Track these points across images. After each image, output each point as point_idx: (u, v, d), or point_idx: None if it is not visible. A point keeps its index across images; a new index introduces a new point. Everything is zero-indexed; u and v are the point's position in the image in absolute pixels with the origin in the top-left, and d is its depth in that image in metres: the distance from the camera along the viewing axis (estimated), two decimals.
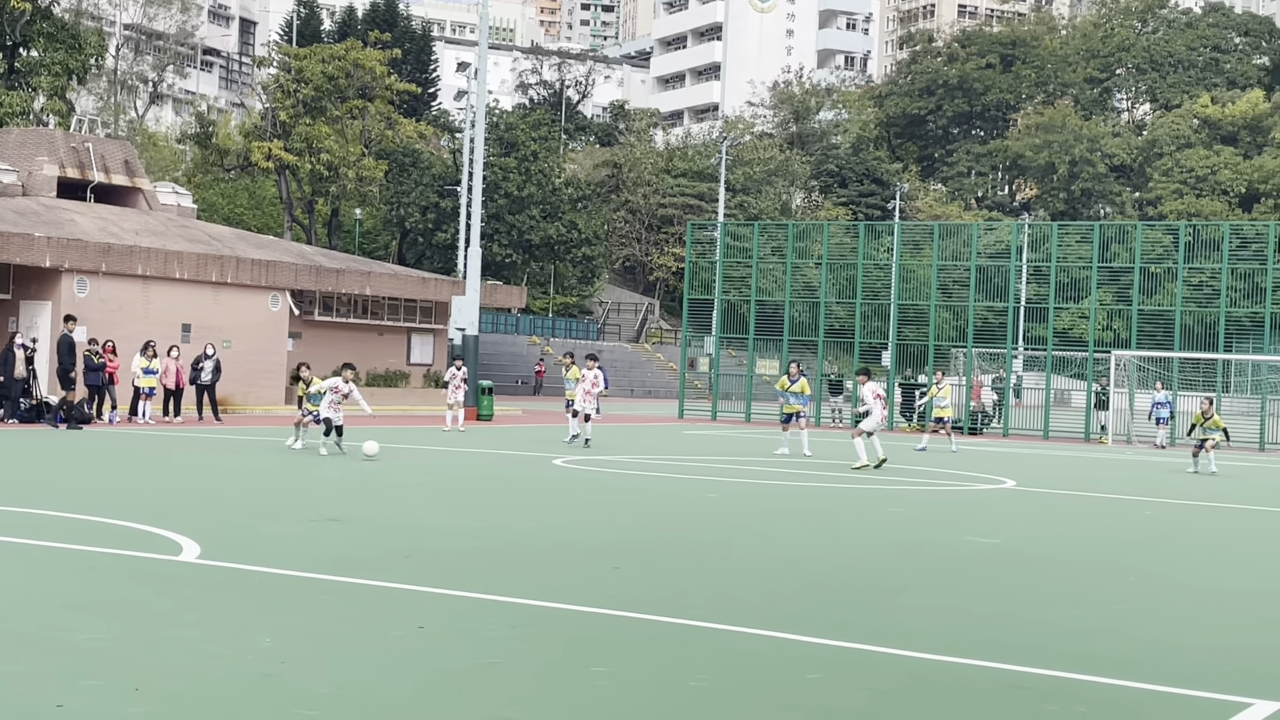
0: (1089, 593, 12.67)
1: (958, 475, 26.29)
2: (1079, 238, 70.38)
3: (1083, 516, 19.79)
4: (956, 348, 51.05)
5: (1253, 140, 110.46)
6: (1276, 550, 16.98)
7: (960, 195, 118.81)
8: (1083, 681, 8.86)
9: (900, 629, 10.37)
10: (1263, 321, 45.35)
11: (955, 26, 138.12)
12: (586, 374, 30.37)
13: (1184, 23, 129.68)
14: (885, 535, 16.47)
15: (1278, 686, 8.88)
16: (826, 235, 51.46)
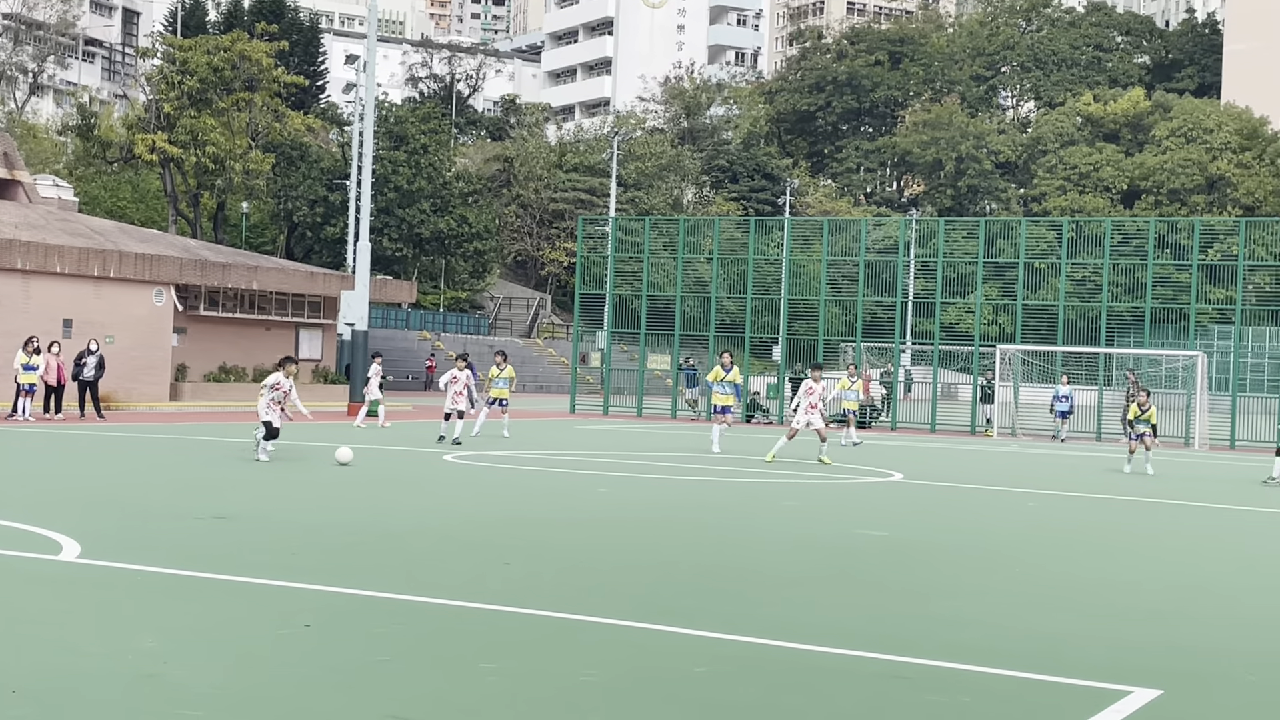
0: (974, 584, 12.84)
1: (848, 469, 26.53)
2: (965, 233, 71.35)
3: (968, 509, 20.06)
4: (846, 342, 51.52)
5: (1134, 138, 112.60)
6: (1154, 541, 17.32)
7: (849, 191, 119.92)
8: (967, 671, 8.98)
9: (789, 621, 10.43)
10: (1143, 316, 46.24)
11: (844, 23, 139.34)
12: (459, 374, 29.99)
13: (1067, 21, 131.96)
14: (777, 529, 16.57)
15: (1154, 674, 9.05)
16: (717, 230, 51.66)
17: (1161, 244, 64.11)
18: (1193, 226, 51.18)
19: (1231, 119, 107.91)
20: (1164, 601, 12.26)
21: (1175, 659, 9.65)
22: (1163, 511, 20.84)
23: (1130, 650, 9.91)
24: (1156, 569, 14.47)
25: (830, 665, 9.07)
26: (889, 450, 33.55)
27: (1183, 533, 18.23)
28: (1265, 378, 67.05)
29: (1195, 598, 12.56)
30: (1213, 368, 51.84)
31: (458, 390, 29.57)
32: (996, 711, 8.05)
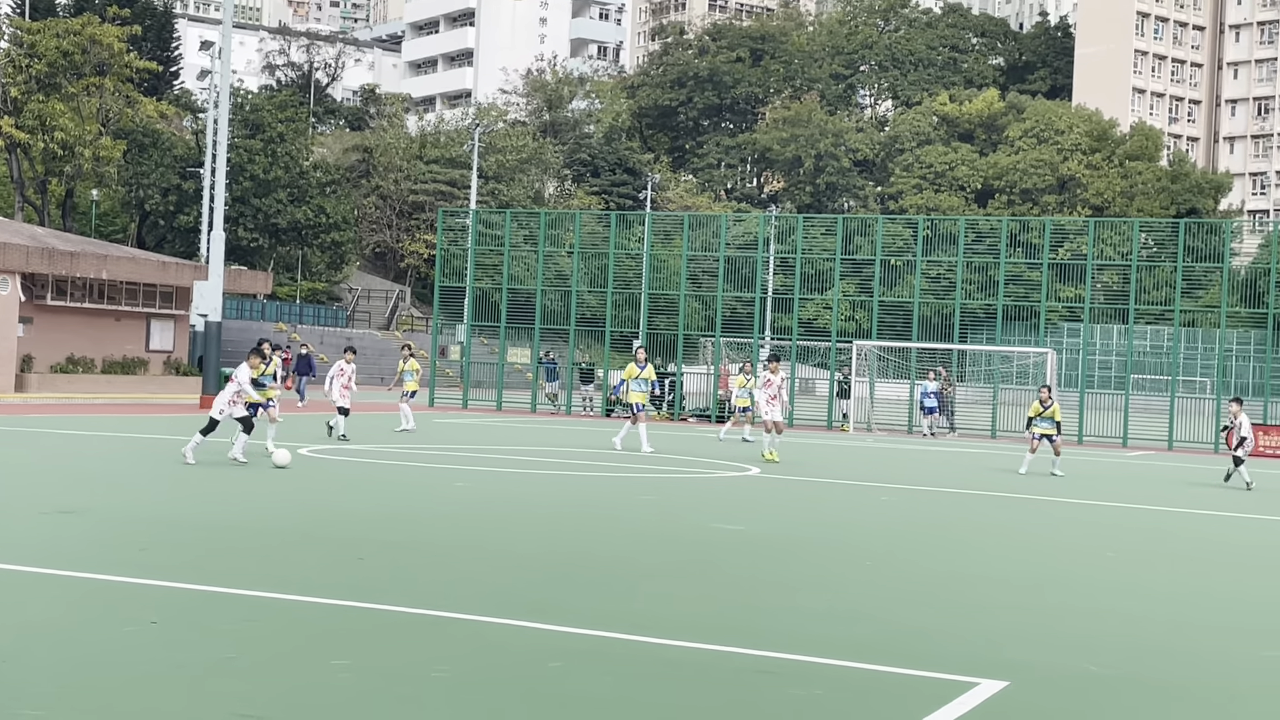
0: (830, 577, 12.96)
1: (705, 463, 26.65)
2: (824, 230, 72.14)
3: (825, 503, 20.26)
4: (705, 337, 51.80)
5: (988, 138, 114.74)
6: (1006, 535, 17.64)
7: (710, 186, 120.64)
8: (823, 665, 9.05)
9: (645, 616, 10.43)
10: (995, 313, 47.11)
11: (706, 19, 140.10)
12: (346, 367, 29.45)
13: (924, 22, 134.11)
14: (634, 523, 16.58)
15: (1002, 667, 9.20)
16: (579, 224, 51.64)
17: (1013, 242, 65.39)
18: (1044, 226, 52.27)
19: (1082, 121, 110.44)
20: (1013, 594, 12.48)
21: (1022, 651, 9.82)
22: (1015, 506, 21.24)
23: (980, 643, 10.07)
24: (1007, 563, 14.73)
25: (686, 659, 9.08)
26: (745, 445, 33.77)
27: (1032, 527, 18.59)
28: (1112, 374, 68.74)
29: (1043, 591, 12.80)
30: (1062, 364, 53.03)
31: (344, 384, 28.61)
32: (849, 704, 8.13)
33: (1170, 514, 20.94)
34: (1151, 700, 8.65)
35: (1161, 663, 9.72)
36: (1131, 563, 15.17)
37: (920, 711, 7.91)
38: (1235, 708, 8.56)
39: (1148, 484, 26.86)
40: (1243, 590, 13.45)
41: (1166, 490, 25.52)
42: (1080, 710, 8.30)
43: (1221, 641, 10.60)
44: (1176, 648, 10.28)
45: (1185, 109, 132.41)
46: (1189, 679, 9.26)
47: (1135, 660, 9.74)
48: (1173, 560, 15.55)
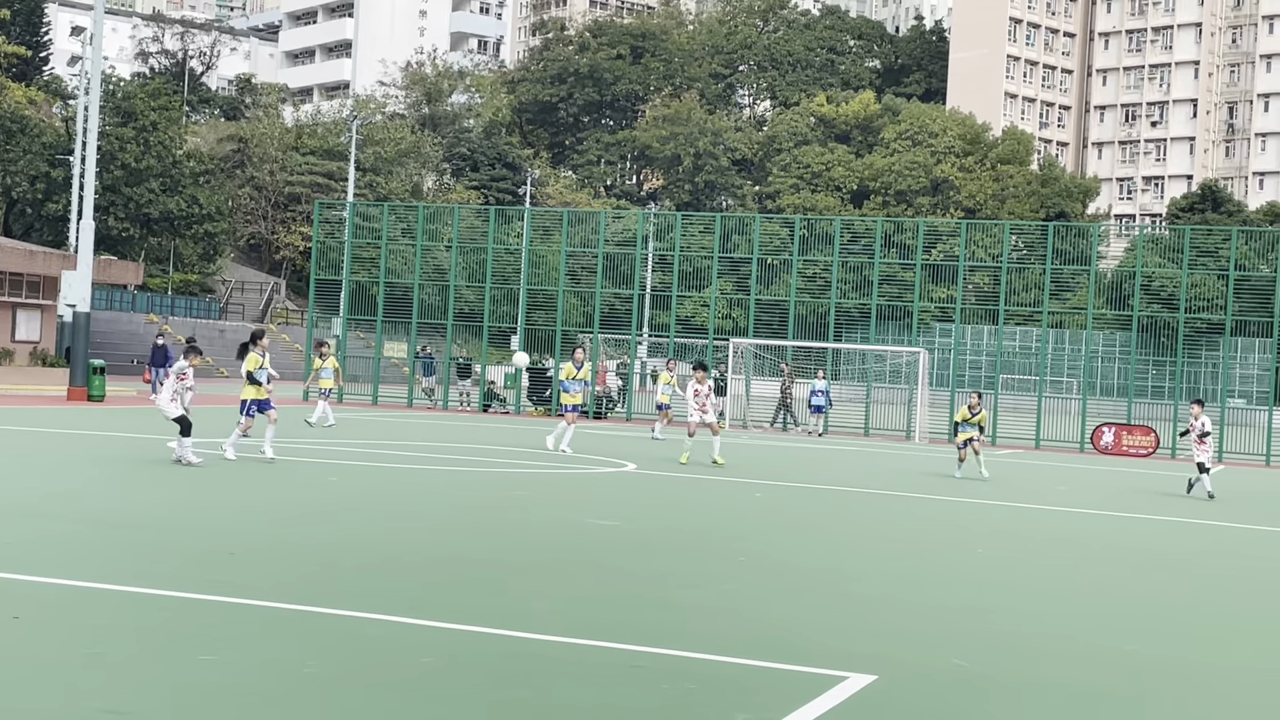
0: (703, 573, 13.05)
1: (581, 459, 26.69)
2: (702, 228, 72.47)
3: (699, 499, 20.38)
4: (584, 333, 51.81)
5: (864, 139, 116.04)
6: (874, 531, 17.88)
7: (590, 183, 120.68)
8: (695, 659, 9.12)
9: (518, 611, 10.44)
10: (869, 313, 47.69)
11: (587, 16, 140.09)
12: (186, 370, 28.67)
13: (803, 24, 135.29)
14: (508, 518, 16.56)
15: (871, 660, 9.35)
16: (457, 218, 51.37)
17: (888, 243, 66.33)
18: (917, 227, 52.99)
19: (955, 124, 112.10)
20: (883, 590, 12.66)
21: (891, 645, 9.97)
22: (887, 503, 21.54)
23: (849, 637, 10.22)
24: (877, 558, 14.94)
25: (562, 655, 9.11)
26: (623, 440, 33.87)
27: (904, 524, 18.86)
28: (982, 374, 69.88)
29: (913, 586, 13.01)
30: (934, 364, 53.81)
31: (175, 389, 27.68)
32: (720, 698, 8.20)
33: (1039, 512, 21.36)
34: (1015, 695, 8.83)
35: (1026, 658, 9.93)
36: (1000, 560, 15.47)
37: (790, 705, 8.01)
38: (1097, 703, 8.77)
39: (1016, 482, 27.36)
40: (1107, 586, 13.77)
41: (1035, 488, 26.02)
42: (946, 704, 8.46)
43: (1087, 637, 10.85)
44: (1042, 643, 10.50)
45: (1056, 114, 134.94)
46: (1054, 674, 9.47)
47: (1001, 655, 9.94)
48: (1041, 558, 15.87)
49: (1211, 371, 76.24)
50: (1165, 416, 45.73)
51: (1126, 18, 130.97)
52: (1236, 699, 9.08)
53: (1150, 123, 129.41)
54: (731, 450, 32.46)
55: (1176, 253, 69.00)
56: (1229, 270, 44.39)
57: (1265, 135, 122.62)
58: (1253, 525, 21.32)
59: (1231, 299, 43.96)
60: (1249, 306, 54.09)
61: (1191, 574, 15.16)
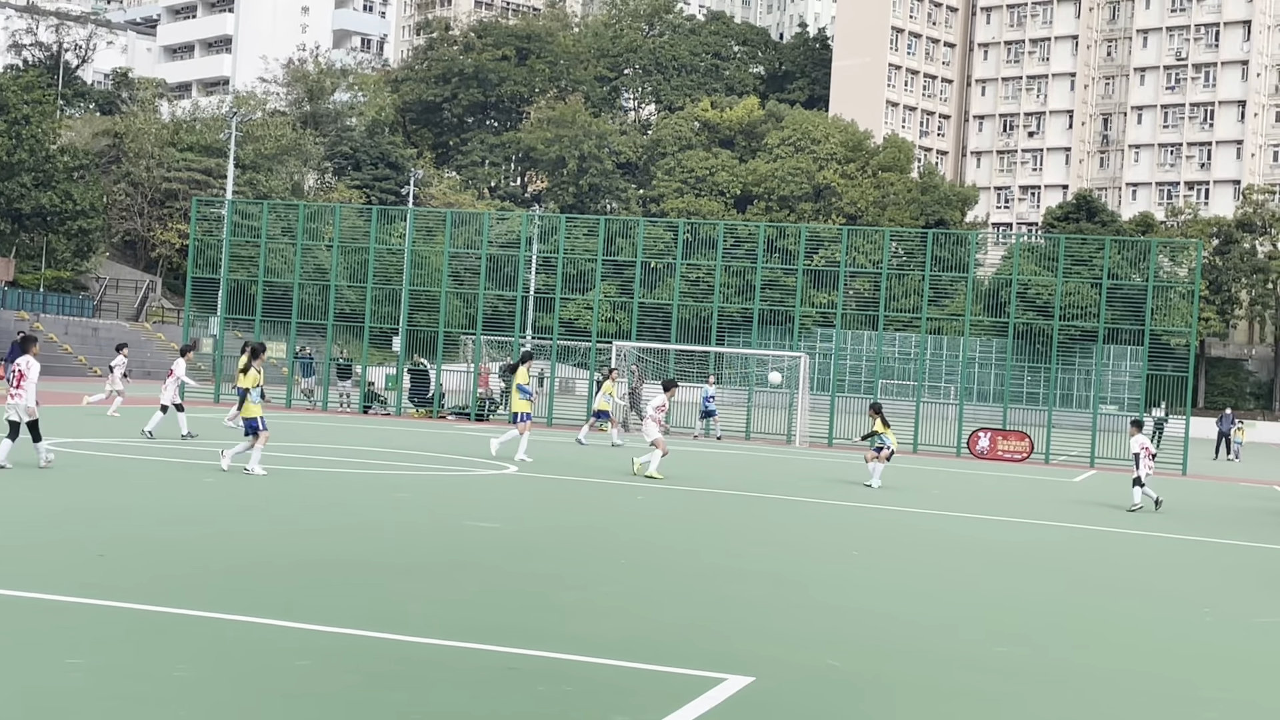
0: (583, 575, 13.03)
1: (462, 461, 26.54)
2: (586, 230, 72.49)
3: (580, 501, 20.36)
4: (466, 335, 51.55)
5: (748, 145, 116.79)
6: (754, 533, 17.97)
7: (474, 184, 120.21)
8: (574, 661, 9.09)
9: (396, 614, 10.34)
10: (752, 317, 47.97)
11: (472, 16, 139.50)
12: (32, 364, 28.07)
13: (688, 29, 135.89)
14: (387, 521, 16.41)
15: (748, 662, 9.38)
16: (338, 218, 50.88)
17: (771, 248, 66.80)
18: (800, 232, 53.44)
19: (838, 131, 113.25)
20: (763, 591, 12.73)
21: (768, 647, 10.02)
22: (766, 505, 21.66)
23: (727, 639, 10.25)
24: (756, 560, 15.01)
25: (439, 657, 9.04)
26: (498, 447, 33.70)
27: (783, 526, 18.98)
28: (862, 379, 70.69)
29: (790, 588, 13.10)
30: (814, 368, 54.25)
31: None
32: (597, 700, 8.19)
33: (915, 514, 21.61)
34: (888, 695, 8.92)
35: (900, 659, 10.03)
36: (876, 561, 15.63)
37: (668, 706, 8.01)
38: (966, 702, 8.88)
39: (894, 486, 27.65)
40: (980, 588, 13.97)
41: (912, 492, 26.32)
42: (821, 704, 8.52)
43: (959, 638, 10.99)
44: (916, 644, 10.62)
45: (936, 123, 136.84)
46: (926, 675, 9.57)
47: (876, 656, 10.03)
48: (916, 560, 16.05)
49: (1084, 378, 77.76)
50: (1040, 422, 46.56)
51: (1005, 29, 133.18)
52: (1100, 699, 9.25)
53: (1027, 133, 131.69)
54: (615, 453, 32.49)
55: (1052, 261, 70.33)
56: (1102, 279, 45.28)
57: (1138, 147, 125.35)
58: (1125, 529, 21.75)
59: (1104, 307, 44.84)
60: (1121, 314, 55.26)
61: (1063, 575, 15.42)
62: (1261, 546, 20.33)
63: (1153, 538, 20.54)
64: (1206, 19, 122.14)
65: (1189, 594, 14.64)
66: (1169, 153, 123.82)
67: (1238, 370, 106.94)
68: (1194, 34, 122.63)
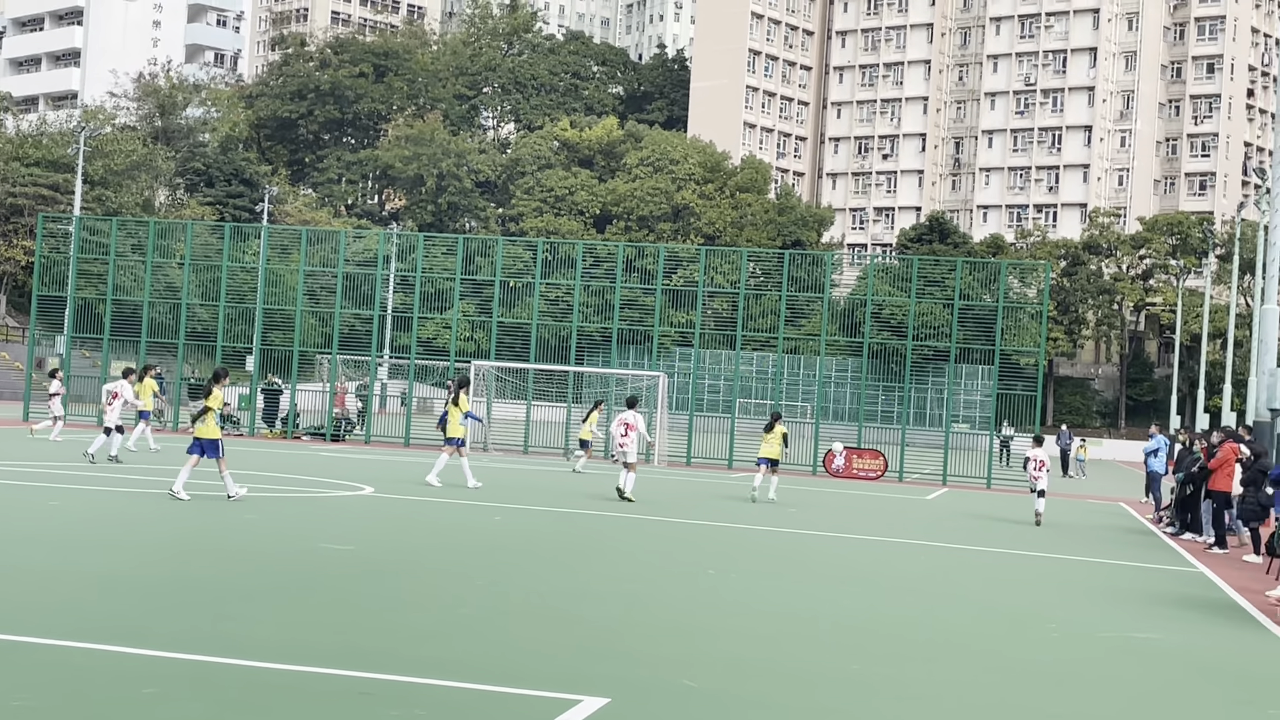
0: (439, 597, 12.91)
1: (317, 482, 26.19)
2: (445, 249, 72.03)
3: (437, 523, 20.19)
4: (322, 354, 50.95)
5: (607, 165, 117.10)
6: (609, 554, 17.96)
7: (330, 202, 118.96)
8: (426, 685, 9.00)
9: (245, 639, 10.14)
10: (611, 336, 48.04)
11: (328, 32, 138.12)
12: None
13: (547, 48, 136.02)
14: (238, 544, 16.11)
15: (604, 683, 9.36)
16: (190, 235, 50.01)
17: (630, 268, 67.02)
18: (658, 252, 53.66)
19: (696, 151, 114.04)
20: (619, 612, 12.71)
21: (623, 667, 10.01)
22: (623, 526, 21.66)
23: (582, 660, 10.22)
24: (612, 580, 15.00)
25: (288, 683, 8.88)
26: (362, 464, 33.39)
27: (639, 546, 19.00)
28: (720, 398, 71.12)
29: (645, 608, 13.10)
30: (673, 388, 54.53)
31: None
32: None
33: (771, 534, 21.77)
34: (742, 715, 8.94)
35: (755, 678, 10.07)
36: (731, 580, 15.69)
37: None
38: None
39: (750, 505, 27.85)
40: (836, 606, 14.10)
41: (768, 511, 26.52)
42: None
43: (814, 655, 11.08)
44: (772, 663, 10.67)
45: (793, 145, 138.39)
46: (779, 694, 9.62)
47: (731, 675, 10.06)
48: (771, 578, 16.15)
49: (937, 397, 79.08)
50: (894, 440, 47.20)
51: (860, 53, 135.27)
52: (952, 716, 9.37)
53: (881, 155, 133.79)
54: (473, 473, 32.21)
55: (906, 282, 71.46)
56: (954, 300, 46.11)
57: (989, 170, 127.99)
58: (974, 546, 22.12)
59: (956, 327, 45.66)
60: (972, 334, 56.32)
61: (916, 593, 15.63)
62: (1106, 562, 20.81)
63: (1002, 554, 20.92)
64: (1054, 45, 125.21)
65: (1037, 610, 14.92)
66: (1018, 176, 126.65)
67: (1085, 389, 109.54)
68: (1042, 60, 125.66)
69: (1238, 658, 12.66)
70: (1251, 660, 12.57)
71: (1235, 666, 12.15)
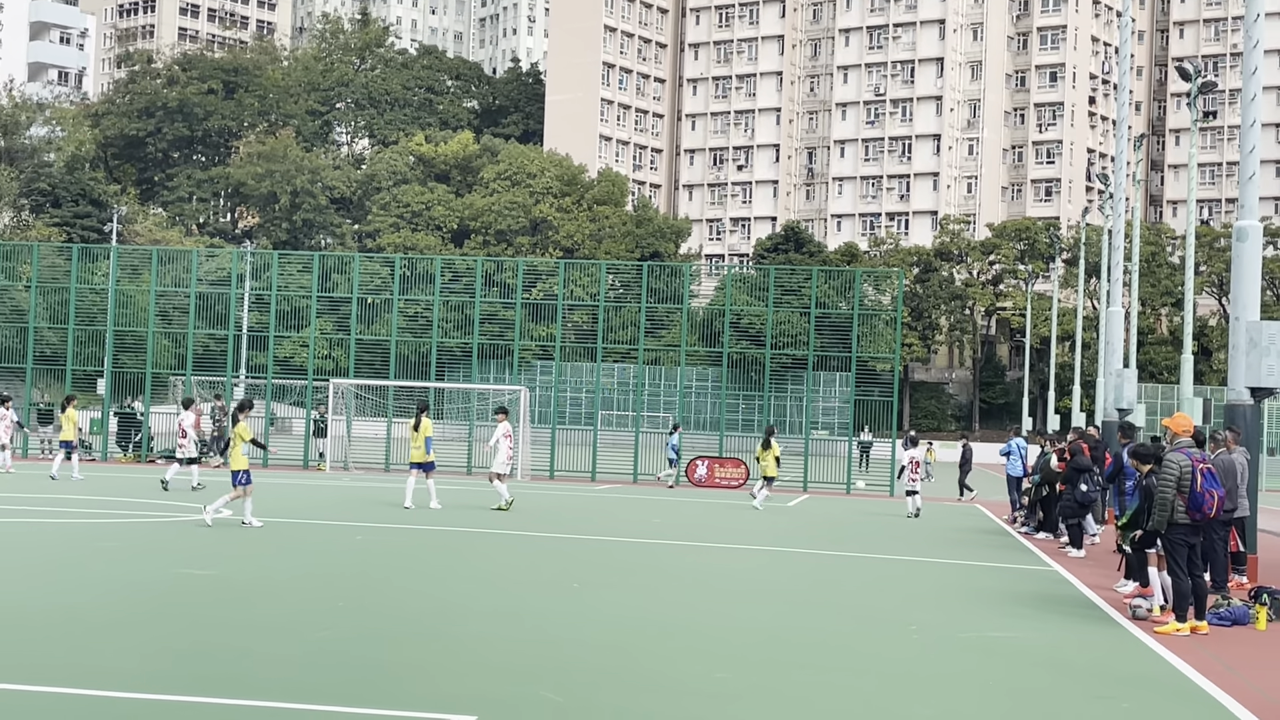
0: (301, 620, 12.76)
1: (175, 506, 25.71)
2: (300, 267, 71.20)
3: (300, 544, 19.94)
4: (176, 375, 50.07)
5: (464, 179, 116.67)
6: (471, 569, 17.88)
7: (182, 220, 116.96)
8: (290, 710, 8.89)
9: (100, 669, 9.95)
10: (471, 351, 47.84)
11: (176, 49, 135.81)
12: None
13: (400, 63, 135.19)
14: (94, 571, 15.77)
15: (469, 700, 9.33)
16: (36, 257, 48.87)
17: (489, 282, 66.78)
18: (517, 266, 53.57)
19: (553, 165, 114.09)
20: (483, 628, 12.67)
21: (489, 684, 9.99)
22: (484, 541, 21.58)
23: (449, 678, 10.18)
24: (475, 597, 14.94)
25: (148, 713, 8.71)
26: (218, 487, 32.83)
27: (501, 561, 18.94)
28: (583, 411, 71.16)
29: (511, 623, 13.08)
30: (535, 401, 54.44)
31: None
32: None
33: (637, 545, 21.84)
34: None
35: (623, 689, 10.11)
36: (596, 593, 15.73)
37: None
38: None
39: (616, 515, 27.92)
40: (700, 615, 14.18)
41: (632, 521, 26.61)
42: None
43: (681, 665, 11.14)
44: (637, 673, 10.72)
45: (649, 157, 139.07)
46: (645, 705, 9.67)
47: (598, 688, 10.09)
48: (636, 589, 16.22)
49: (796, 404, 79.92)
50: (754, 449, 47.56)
51: (712, 65, 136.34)
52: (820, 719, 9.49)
53: (736, 166, 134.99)
54: (335, 492, 31.94)
55: (763, 291, 72.17)
56: (811, 308, 46.65)
57: (841, 179, 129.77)
58: (835, 551, 22.40)
59: (814, 335, 46.20)
60: (829, 341, 57.00)
61: (778, 600, 15.78)
62: (963, 564, 21.20)
63: (862, 559, 21.22)
64: (902, 56, 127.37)
65: (898, 612, 15.15)
66: (870, 185, 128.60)
67: (940, 394, 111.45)
68: (891, 70, 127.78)
69: (1093, 653, 12.99)
70: (1106, 656, 12.89)
71: (1090, 662, 12.46)
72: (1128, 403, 32.32)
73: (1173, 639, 13.77)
